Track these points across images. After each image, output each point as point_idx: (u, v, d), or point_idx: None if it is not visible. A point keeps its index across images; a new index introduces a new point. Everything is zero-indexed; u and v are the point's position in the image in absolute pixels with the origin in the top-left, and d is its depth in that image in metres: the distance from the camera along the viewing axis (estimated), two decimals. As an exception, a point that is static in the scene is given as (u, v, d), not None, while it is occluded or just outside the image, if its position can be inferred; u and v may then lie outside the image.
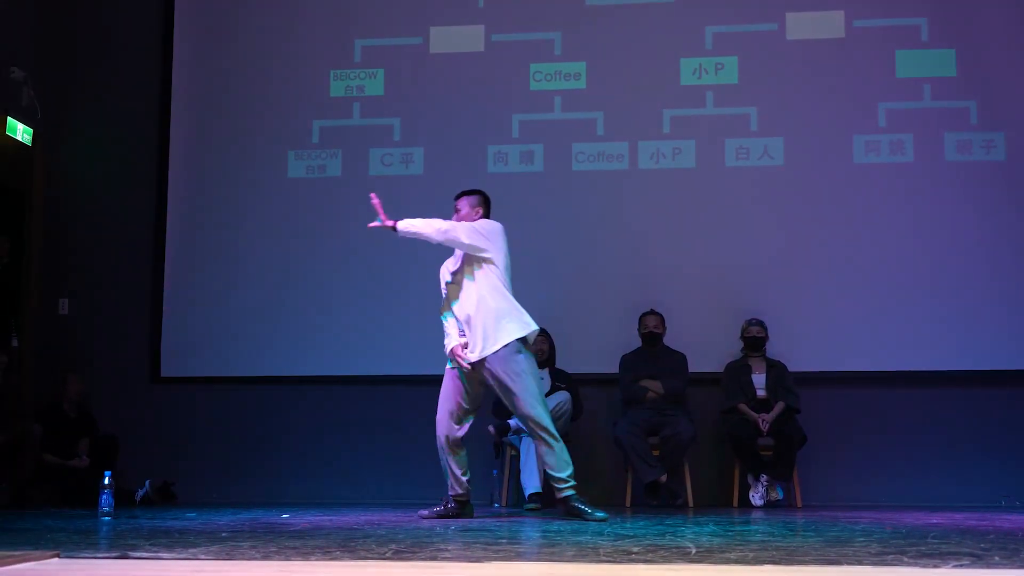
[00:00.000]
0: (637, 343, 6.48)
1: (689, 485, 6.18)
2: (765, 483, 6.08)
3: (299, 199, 7.07)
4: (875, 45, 6.81)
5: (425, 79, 7.11)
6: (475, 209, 5.09)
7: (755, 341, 6.38)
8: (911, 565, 2.62)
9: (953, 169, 6.69)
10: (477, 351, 4.79)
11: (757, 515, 5.21)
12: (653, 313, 6.45)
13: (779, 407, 6.18)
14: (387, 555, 2.96)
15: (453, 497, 4.93)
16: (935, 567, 2.58)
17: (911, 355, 6.55)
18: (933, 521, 4.45)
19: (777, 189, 6.80)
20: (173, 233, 7.18)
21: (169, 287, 7.13)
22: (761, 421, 6.12)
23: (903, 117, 6.74)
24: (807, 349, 6.57)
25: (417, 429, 6.15)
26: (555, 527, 4.17)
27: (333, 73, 7.19)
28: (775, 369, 6.35)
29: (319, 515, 4.97)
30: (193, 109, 7.29)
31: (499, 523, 4.51)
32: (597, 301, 6.76)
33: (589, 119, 6.95)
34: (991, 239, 6.60)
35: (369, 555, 2.98)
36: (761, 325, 6.40)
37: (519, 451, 6.00)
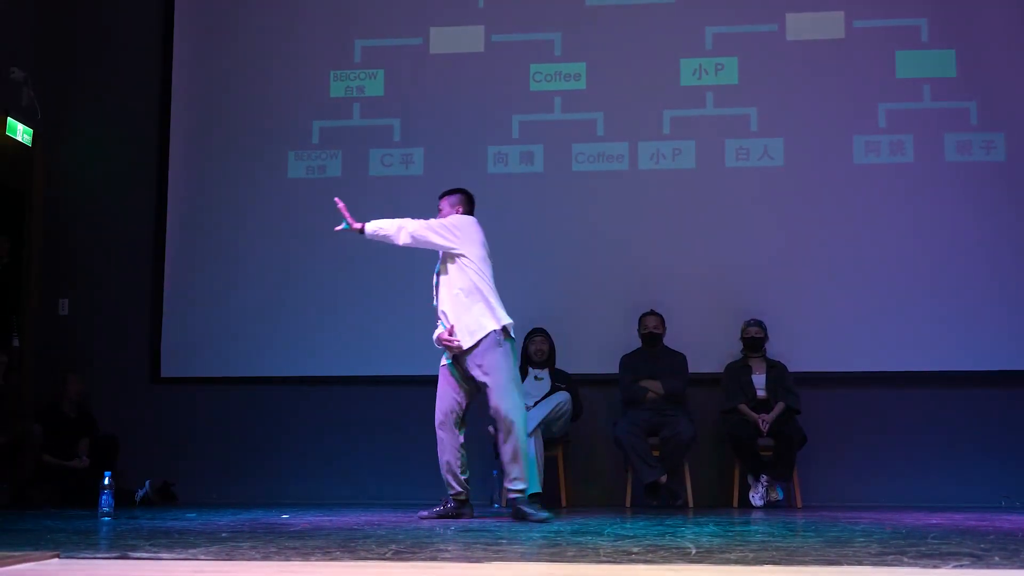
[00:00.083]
0: (637, 343, 6.48)
1: (689, 485, 6.19)
2: (765, 483, 6.08)
3: (299, 199, 7.07)
4: (875, 46, 6.81)
5: (425, 79, 7.11)
6: (455, 208, 5.09)
7: (754, 342, 6.38)
8: (911, 566, 2.62)
9: (953, 169, 6.69)
10: (458, 342, 4.83)
11: (757, 515, 5.21)
12: (653, 313, 6.46)
13: (779, 407, 6.18)
14: (387, 555, 2.96)
15: (453, 497, 4.93)
16: (935, 567, 2.58)
17: (911, 355, 6.56)
18: (933, 521, 4.45)
19: (777, 190, 6.80)
20: (173, 233, 7.18)
21: (169, 287, 7.13)
22: (761, 421, 6.12)
23: (903, 118, 6.75)
24: (807, 349, 6.57)
25: (417, 429, 6.14)
26: (555, 527, 4.16)
27: (333, 74, 7.19)
28: (775, 369, 6.35)
29: (319, 515, 4.97)
30: (193, 109, 7.30)
31: (499, 523, 4.51)
32: (597, 301, 6.76)
33: (589, 120, 6.95)
34: (991, 239, 6.60)
35: (369, 555, 2.98)
36: (760, 326, 6.40)
37: (519, 451, 5.98)
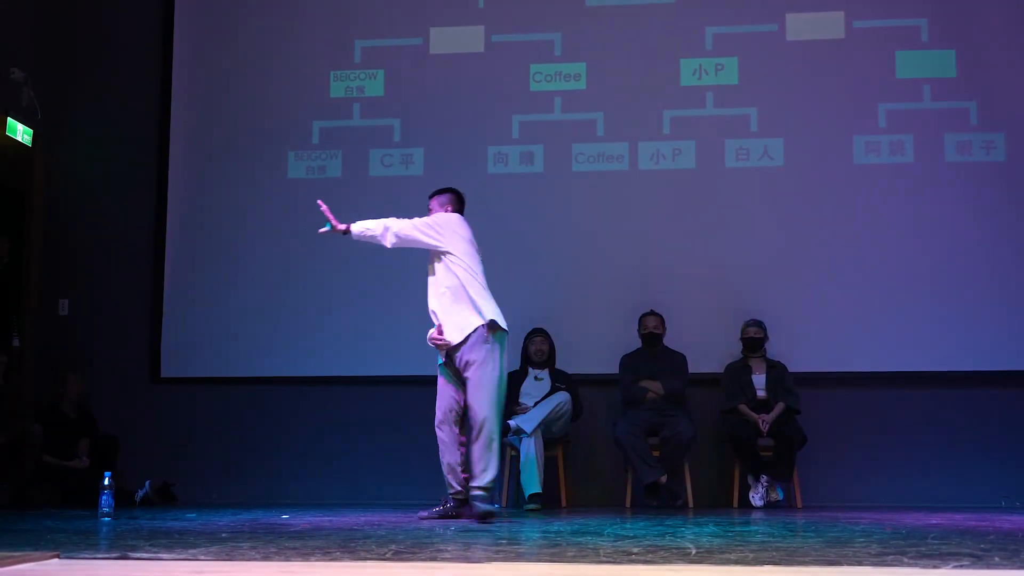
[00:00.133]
0: (637, 344, 6.48)
1: (689, 486, 6.18)
2: (765, 484, 6.08)
3: (299, 199, 7.05)
4: (875, 46, 6.81)
5: (425, 80, 7.11)
6: (444, 207, 5.09)
7: (753, 342, 6.38)
8: (911, 566, 2.62)
9: (953, 170, 6.69)
10: (447, 340, 4.85)
11: (757, 516, 5.21)
12: (653, 314, 6.45)
13: (779, 408, 6.18)
14: (387, 556, 2.96)
15: (453, 497, 4.92)
16: (935, 568, 2.58)
17: (911, 355, 6.56)
18: (933, 522, 4.45)
19: (777, 190, 6.80)
20: (173, 233, 7.18)
21: (169, 287, 7.13)
22: (761, 422, 6.12)
23: (903, 118, 6.74)
24: (807, 349, 6.57)
25: (417, 429, 6.14)
26: (555, 528, 4.16)
27: (333, 74, 7.19)
28: (775, 370, 6.35)
29: (319, 516, 4.97)
30: (193, 109, 7.30)
31: (499, 523, 4.50)
32: (597, 302, 6.76)
33: (589, 120, 6.95)
34: (991, 239, 6.60)
35: (369, 556, 2.98)
36: (759, 326, 6.39)
37: (519, 452, 5.99)
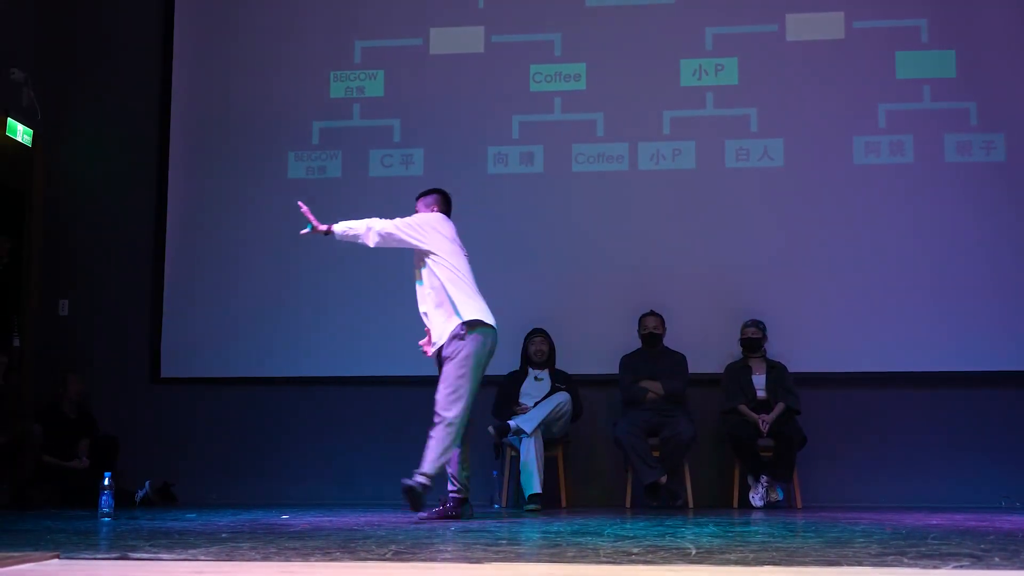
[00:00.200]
0: (637, 344, 6.48)
1: (689, 486, 6.18)
2: (765, 484, 6.08)
3: (299, 200, 7.04)
4: (875, 46, 6.81)
5: (425, 80, 7.11)
6: (430, 208, 5.10)
7: (751, 342, 6.38)
8: (911, 566, 2.62)
9: (953, 170, 6.69)
10: (435, 344, 4.88)
11: (757, 516, 5.21)
12: (653, 314, 6.45)
13: (779, 408, 6.18)
14: (387, 556, 2.96)
15: (452, 496, 4.92)
16: (935, 568, 2.58)
17: (911, 355, 6.56)
18: (933, 522, 4.45)
19: (777, 190, 6.80)
20: (173, 233, 7.18)
21: (169, 287, 7.13)
22: (761, 422, 6.11)
23: (903, 118, 6.74)
24: (807, 350, 6.57)
25: (417, 429, 6.10)
26: (555, 528, 4.16)
27: (333, 74, 7.19)
28: (775, 370, 6.35)
29: (319, 516, 4.97)
30: (193, 109, 7.29)
31: (499, 524, 4.51)
32: (597, 302, 6.76)
33: (589, 120, 6.95)
34: (991, 240, 6.60)
35: (369, 556, 2.97)
36: (758, 326, 6.39)
37: (519, 452, 5.99)
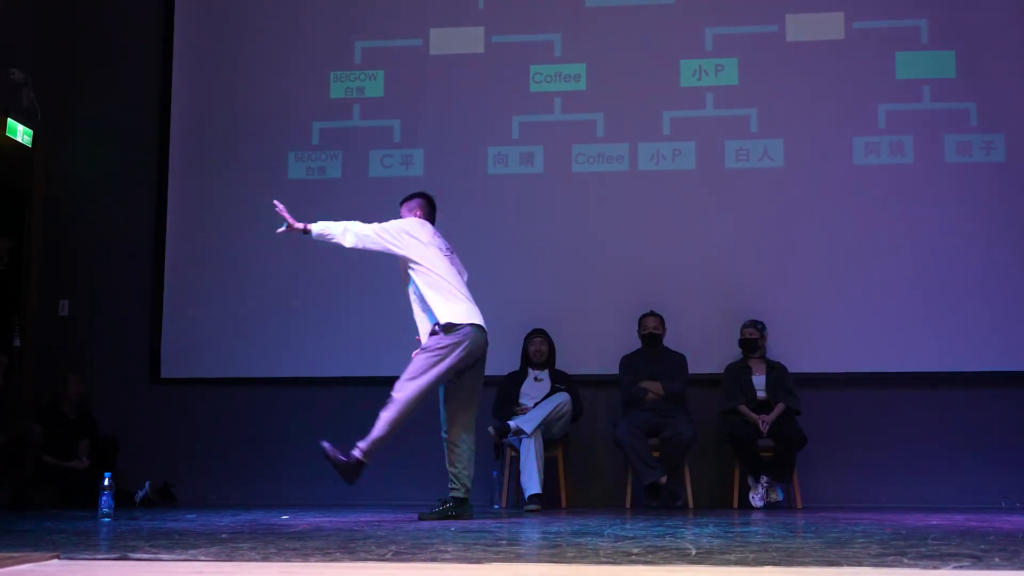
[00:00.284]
0: (637, 344, 6.48)
1: (689, 486, 6.18)
2: (765, 484, 6.08)
3: (299, 200, 7.03)
4: (875, 46, 6.81)
5: (425, 81, 7.11)
6: (413, 212, 5.08)
7: (749, 343, 6.38)
8: (911, 567, 2.62)
9: (953, 170, 6.69)
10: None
11: (757, 516, 5.21)
12: (653, 314, 6.45)
13: (779, 408, 6.18)
14: (387, 556, 2.96)
15: (452, 496, 4.92)
16: (935, 568, 2.57)
17: (911, 355, 6.56)
18: (933, 522, 4.45)
19: (777, 190, 6.80)
20: (173, 233, 7.18)
21: (169, 287, 7.13)
22: (761, 422, 6.11)
23: (903, 118, 6.75)
24: (807, 350, 6.57)
25: (417, 430, 6.12)
26: (555, 528, 4.16)
27: (333, 75, 7.19)
28: (775, 370, 6.35)
29: (319, 516, 4.97)
30: (193, 109, 7.29)
31: (499, 524, 4.50)
32: (597, 302, 6.76)
33: (589, 120, 6.95)
34: (991, 240, 6.60)
35: (369, 556, 2.97)
36: (756, 327, 6.39)
37: (519, 452, 5.99)
